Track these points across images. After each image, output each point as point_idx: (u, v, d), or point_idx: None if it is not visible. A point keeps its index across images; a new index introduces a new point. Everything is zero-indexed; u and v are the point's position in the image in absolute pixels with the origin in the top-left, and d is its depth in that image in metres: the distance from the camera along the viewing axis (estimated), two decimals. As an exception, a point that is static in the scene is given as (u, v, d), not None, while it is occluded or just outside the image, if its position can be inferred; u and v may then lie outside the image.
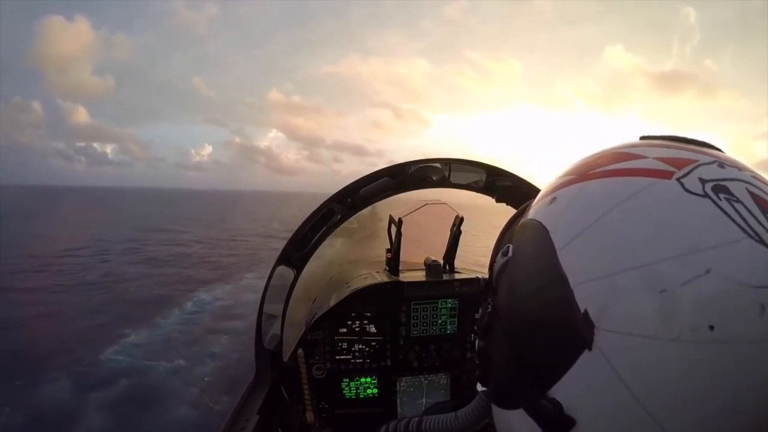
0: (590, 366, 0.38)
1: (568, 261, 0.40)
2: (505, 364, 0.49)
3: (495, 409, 0.54)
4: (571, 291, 0.39)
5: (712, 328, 0.33)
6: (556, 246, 0.42)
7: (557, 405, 0.40)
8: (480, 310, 0.55)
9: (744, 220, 0.36)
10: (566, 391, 0.40)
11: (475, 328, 0.56)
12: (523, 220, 0.51)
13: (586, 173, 0.45)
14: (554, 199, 0.47)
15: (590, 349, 0.37)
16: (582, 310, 0.38)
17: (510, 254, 0.49)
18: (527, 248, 0.47)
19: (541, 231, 0.45)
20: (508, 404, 0.49)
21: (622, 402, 0.36)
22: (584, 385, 0.39)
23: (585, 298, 0.38)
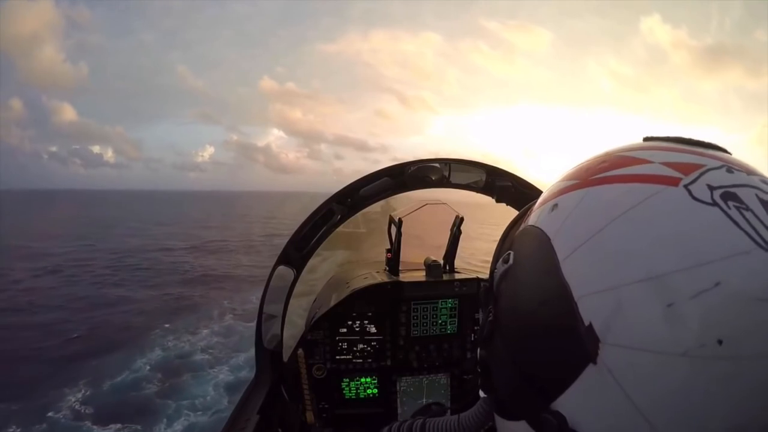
0: (595, 380, 0.37)
1: (571, 272, 0.39)
2: (507, 374, 0.48)
3: (498, 418, 0.53)
4: (575, 303, 0.38)
5: (720, 342, 0.32)
6: (559, 256, 0.41)
7: (561, 419, 0.40)
8: (480, 317, 0.54)
9: (754, 229, 0.34)
10: (570, 404, 0.39)
11: (474, 336, 0.56)
12: (523, 225, 0.50)
13: (589, 178, 0.44)
14: (556, 205, 0.45)
15: (595, 363, 0.37)
16: (587, 323, 0.37)
17: (511, 262, 0.48)
18: (529, 257, 0.46)
19: (542, 239, 0.44)
20: (511, 415, 0.48)
21: (628, 417, 0.36)
22: (589, 399, 0.38)
23: (589, 311, 0.37)
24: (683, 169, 0.39)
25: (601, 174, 0.43)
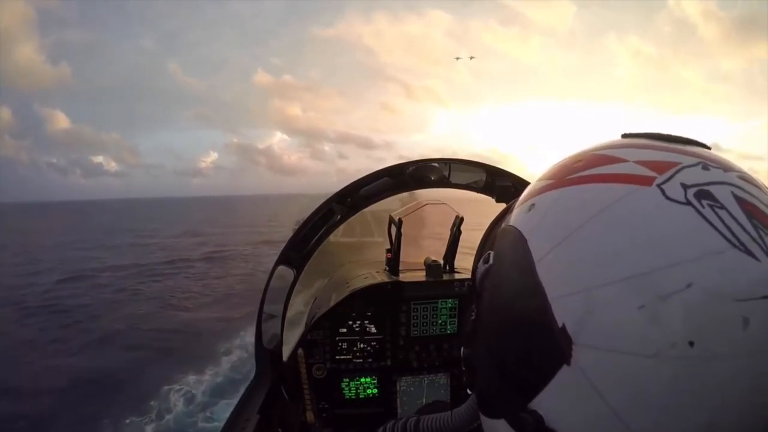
0: (569, 380, 0.37)
1: (546, 273, 0.39)
2: (488, 373, 0.48)
3: (481, 415, 0.54)
4: (549, 304, 0.38)
5: (692, 344, 0.32)
6: (534, 257, 0.41)
7: (538, 418, 0.40)
8: (466, 317, 0.54)
9: (728, 228, 0.34)
10: (547, 404, 0.39)
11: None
12: (503, 225, 0.50)
13: (565, 178, 0.44)
14: (533, 205, 0.45)
15: (569, 363, 0.36)
16: (560, 324, 0.37)
17: (491, 261, 0.49)
18: (507, 257, 0.46)
19: (519, 240, 0.44)
20: (492, 413, 0.48)
21: (603, 417, 0.35)
22: (564, 399, 0.38)
23: (563, 312, 0.37)
24: (657, 167, 0.39)
25: (576, 174, 0.43)
